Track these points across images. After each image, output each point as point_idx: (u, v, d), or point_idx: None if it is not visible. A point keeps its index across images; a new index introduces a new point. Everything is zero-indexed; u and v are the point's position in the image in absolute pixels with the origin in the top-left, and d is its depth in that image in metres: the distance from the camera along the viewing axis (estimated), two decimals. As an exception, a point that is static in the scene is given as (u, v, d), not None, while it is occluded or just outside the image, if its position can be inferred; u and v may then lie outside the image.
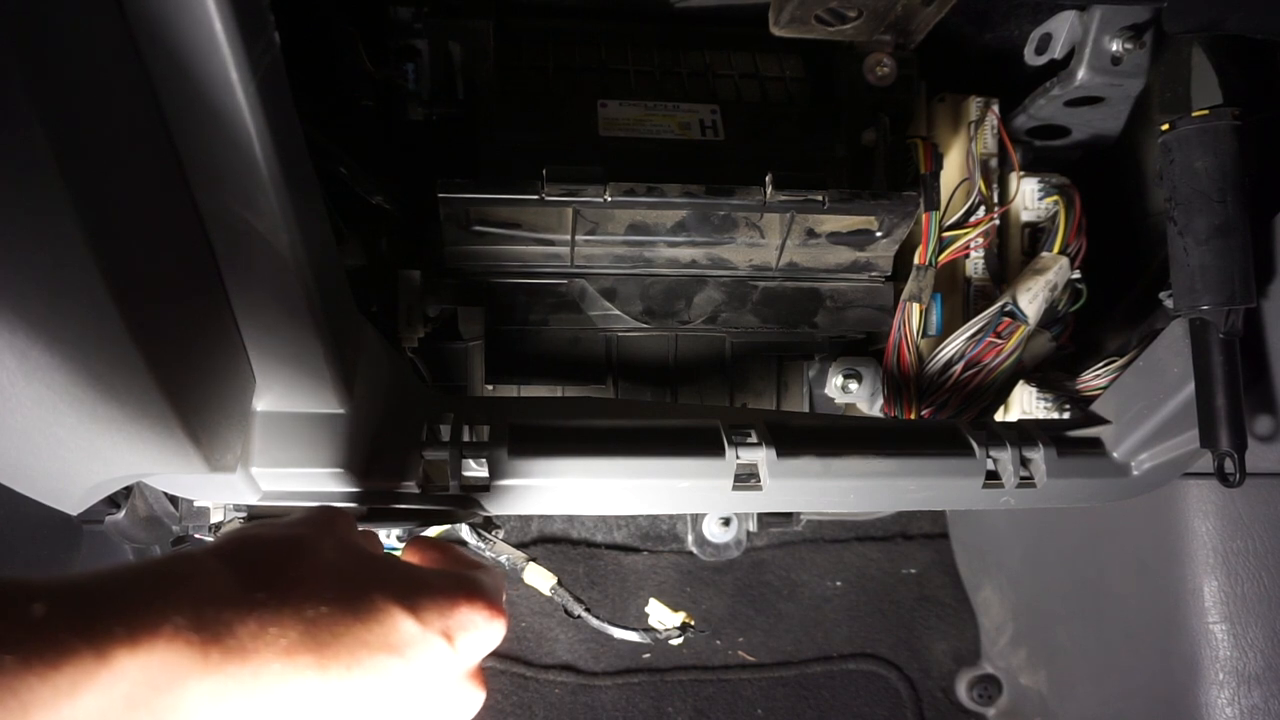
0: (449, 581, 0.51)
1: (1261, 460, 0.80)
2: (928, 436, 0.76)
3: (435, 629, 0.47)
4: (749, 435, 0.72)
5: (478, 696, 0.52)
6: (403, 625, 0.46)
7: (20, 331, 0.43)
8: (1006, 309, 0.86)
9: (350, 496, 0.70)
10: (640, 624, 0.81)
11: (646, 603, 0.82)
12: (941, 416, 0.88)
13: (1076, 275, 0.89)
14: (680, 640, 0.79)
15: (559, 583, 0.78)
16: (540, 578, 0.79)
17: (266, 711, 0.41)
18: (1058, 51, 0.90)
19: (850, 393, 0.92)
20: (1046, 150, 1.00)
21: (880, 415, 0.92)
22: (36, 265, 0.42)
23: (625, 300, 0.84)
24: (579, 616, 0.77)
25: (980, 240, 0.88)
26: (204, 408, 0.55)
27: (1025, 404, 0.88)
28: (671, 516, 1.39)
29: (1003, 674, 1.34)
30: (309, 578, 0.45)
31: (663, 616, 0.80)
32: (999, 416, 0.91)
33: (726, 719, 1.32)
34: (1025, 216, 0.92)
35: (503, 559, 0.79)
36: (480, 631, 0.50)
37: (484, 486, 0.70)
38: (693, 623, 0.79)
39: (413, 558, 0.60)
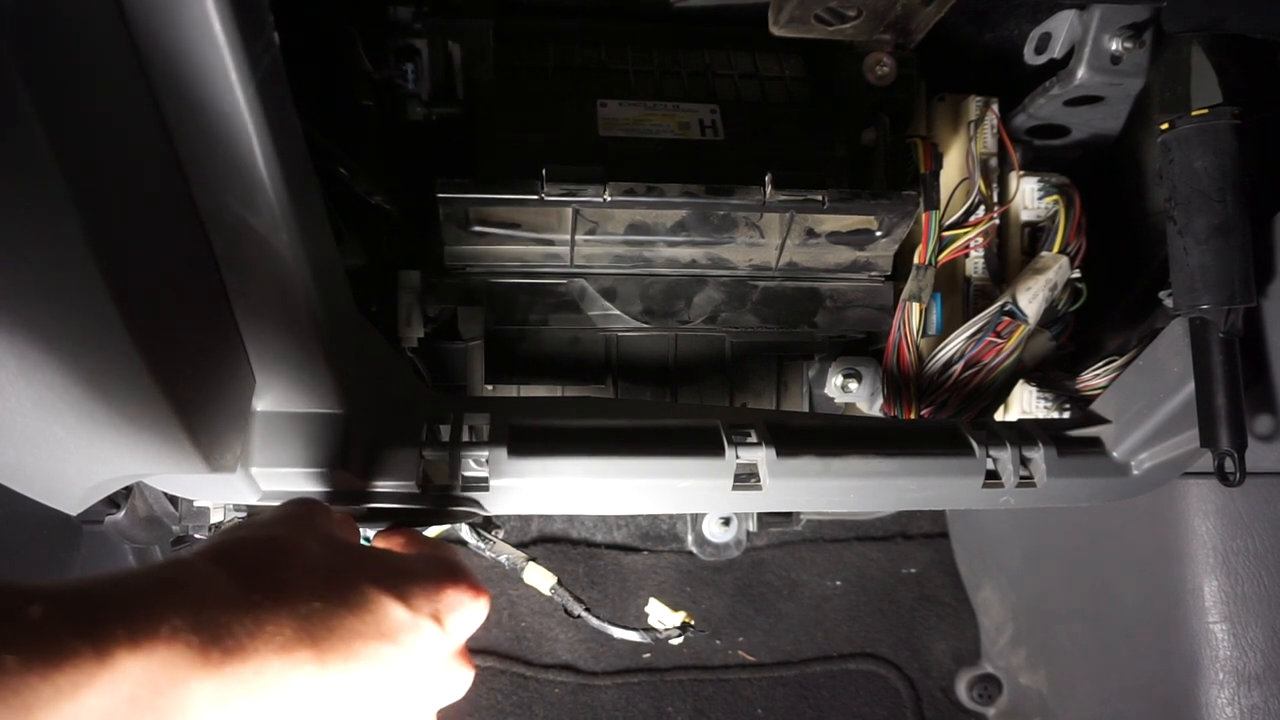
0: (432, 566, 0.53)
1: (1261, 459, 0.80)
2: (927, 436, 0.76)
3: (425, 613, 0.49)
4: (749, 435, 0.72)
5: (468, 674, 0.54)
6: (394, 613, 0.47)
7: (20, 332, 0.43)
8: (1006, 308, 0.86)
9: (349, 496, 0.70)
10: (640, 624, 0.81)
11: (646, 602, 0.82)
12: (941, 416, 0.88)
13: (1076, 274, 0.89)
14: (680, 640, 0.79)
15: (559, 582, 0.78)
16: (540, 578, 0.78)
17: (270, 708, 0.41)
18: (1057, 51, 0.90)
19: (850, 392, 0.92)
20: (1046, 150, 1.00)
21: (880, 415, 0.92)
22: (36, 265, 0.42)
23: (625, 300, 0.84)
24: (579, 616, 0.77)
25: (980, 240, 0.88)
26: (203, 408, 0.55)
27: (1025, 403, 0.88)
28: (671, 516, 1.39)
29: (1003, 673, 1.34)
30: (300, 575, 0.46)
31: (662, 616, 0.80)
32: (999, 416, 0.91)
33: (726, 719, 1.32)
34: (1025, 216, 0.92)
35: (502, 559, 0.79)
36: (467, 610, 0.52)
37: (484, 486, 0.70)
38: (693, 622, 0.79)
39: (381, 544, 0.62)
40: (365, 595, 0.47)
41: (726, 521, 1.31)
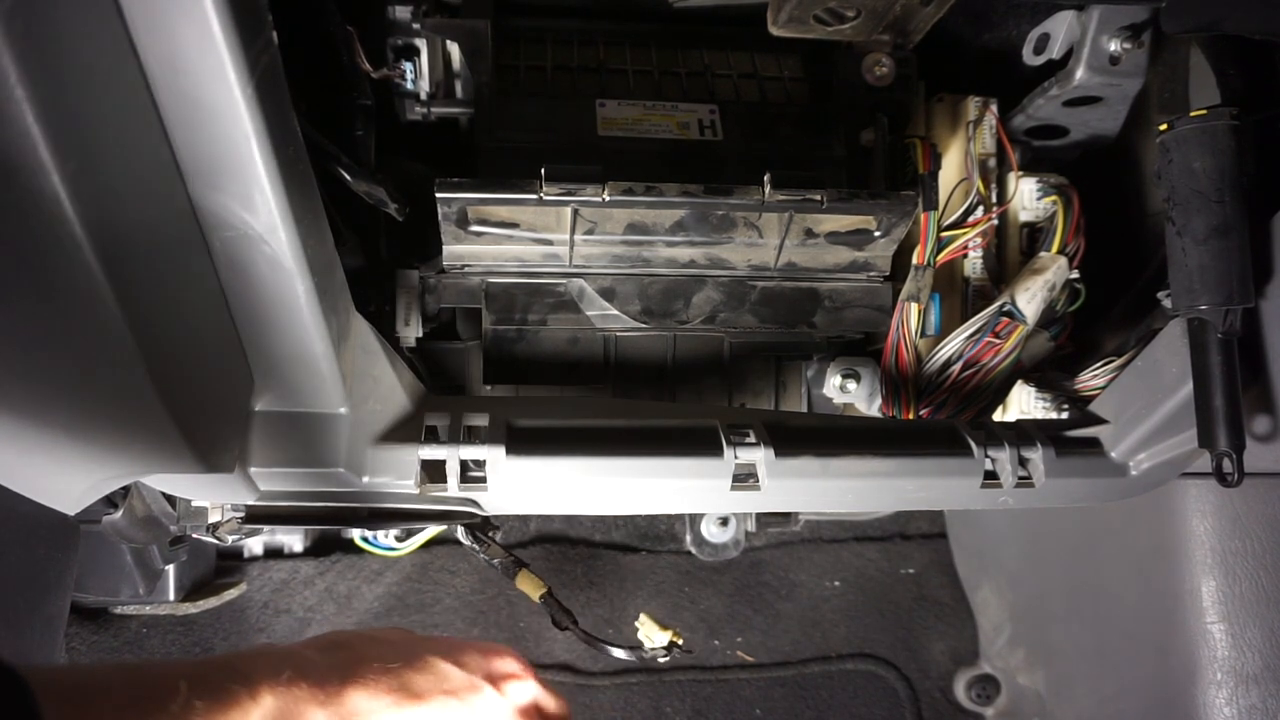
0: (483, 645, 0.69)
1: (1259, 460, 0.80)
2: (926, 436, 0.76)
3: (479, 674, 0.65)
4: (747, 435, 0.72)
5: None
6: (452, 673, 0.63)
7: (19, 331, 0.43)
8: (1005, 309, 0.86)
9: (348, 496, 0.70)
10: (631, 638, 0.81)
11: (643, 607, 0.82)
12: (940, 416, 0.88)
13: (1075, 275, 0.89)
14: (667, 659, 0.79)
15: (549, 593, 0.79)
16: (530, 586, 0.79)
17: None
18: (1056, 51, 0.90)
19: (848, 392, 0.92)
20: (1045, 150, 1.00)
21: (878, 415, 0.92)
22: (35, 265, 0.42)
23: (624, 300, 0.84)
24: (566, 629, 0.78)
25: (978, 240, 0.88)
26: (201, 408, 0.55)
27: (1023, 404, 0.88)
28: (670, 516, 1.39)
29: (1001, 674, 1.34)
30: (374, 649, 0.62)
31: (651, 633, 0.80)
32: (997, 416, 0.91)
33: (725, 719, 1.32)
34: (1024, 216, 0.92)
35: (495, 562, 0.79)
36: (519, 679, 0.67)
37: (482, 486, 0.70)
38: (680, 641, 0.80)
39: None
40: (428, 660, 0.63)
41: (725, 522, 1.31)
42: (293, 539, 1.31)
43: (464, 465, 0.70)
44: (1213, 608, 0.89)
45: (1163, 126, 0.74)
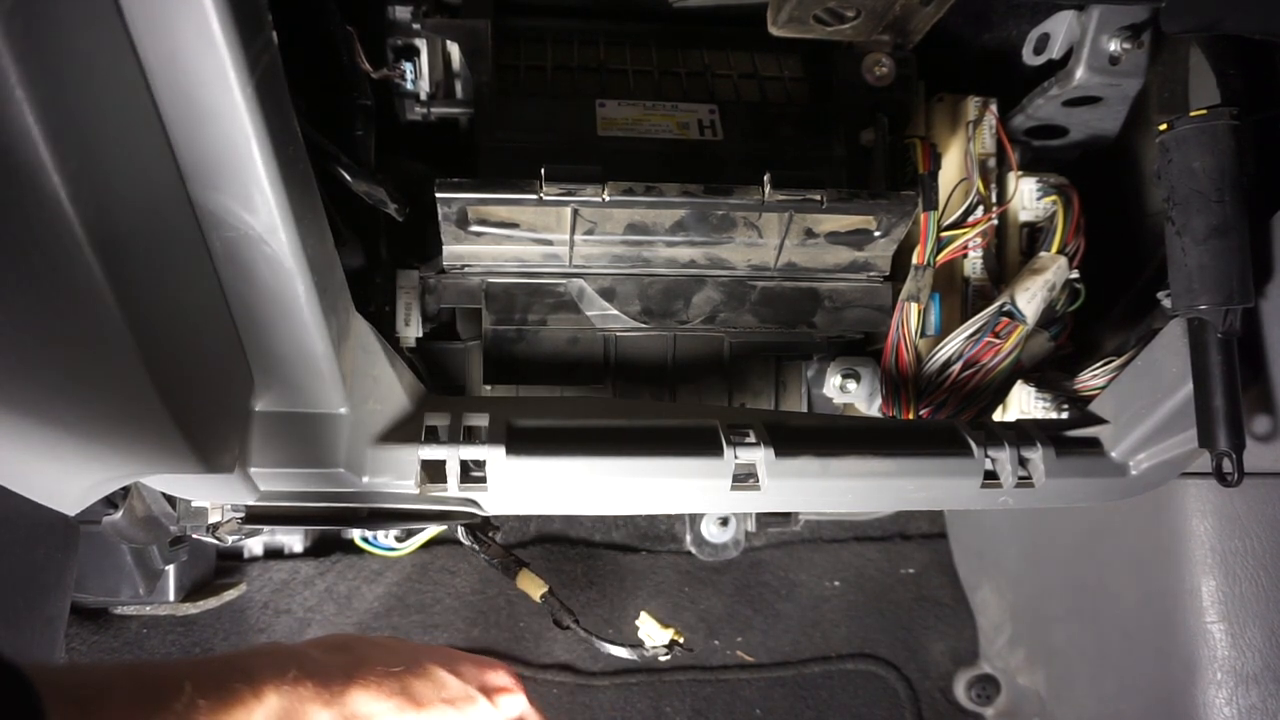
0: (478, 659, 0.71)
1: (1259, 460, 0.80)
2: (926, 436, 0.76)
3: (474, 684, 0.67)
4: (747, 435, 0.72)
5: None
6: (450, 682, 0.66)
7: (19, 331, 0.43)
8: (1005, 309, 0.86)
9: (348, 496, 0.70)
10: (632, 636, 0.81)
11: (644, 605, 0.82)
12: (940, 416, 0.88)
13: (1075, 275, 0.89)
14: (669, 657, 0.79)
15: (550, 592, 0.79)
16: (532, 585, 0.79)
17: None
18: (1056, 51, 0.90)
19: (848, 392, 0.92)
20: (1045, 150, 1.00)
21: (878, 415, 0.92)
22: (35, 265, 0.42)
23: (624, 300, 0.84)
24: (568, 628, 0.78)
25: (978, 240, 0.88)
26: (201, 408, 0.55)
27: (1023, 404, 0.88)
28: (670, 516, 1.39)
29: (1001, 674, 1.34)
30: (376, 654, 0.64)
31: (651, 631, 0.80)
32: (997, 416, 0.91)
33: (725, 719, 1.32)
34: (1023, 216, 0.92)
35: (496, 562, 0.79)
36: (511, 693, 0.69)
37: (482, 486, 0.70)
38: (681, 640, 0.80)
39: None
40: (428, 668, 0.65)
41: (725, 522, 1.31)
42: (293, 539, 1.31)
43: (464, 465, 0.70)
44: (1212, 608, 0.89)
45: (1163, 126, 0.74)
